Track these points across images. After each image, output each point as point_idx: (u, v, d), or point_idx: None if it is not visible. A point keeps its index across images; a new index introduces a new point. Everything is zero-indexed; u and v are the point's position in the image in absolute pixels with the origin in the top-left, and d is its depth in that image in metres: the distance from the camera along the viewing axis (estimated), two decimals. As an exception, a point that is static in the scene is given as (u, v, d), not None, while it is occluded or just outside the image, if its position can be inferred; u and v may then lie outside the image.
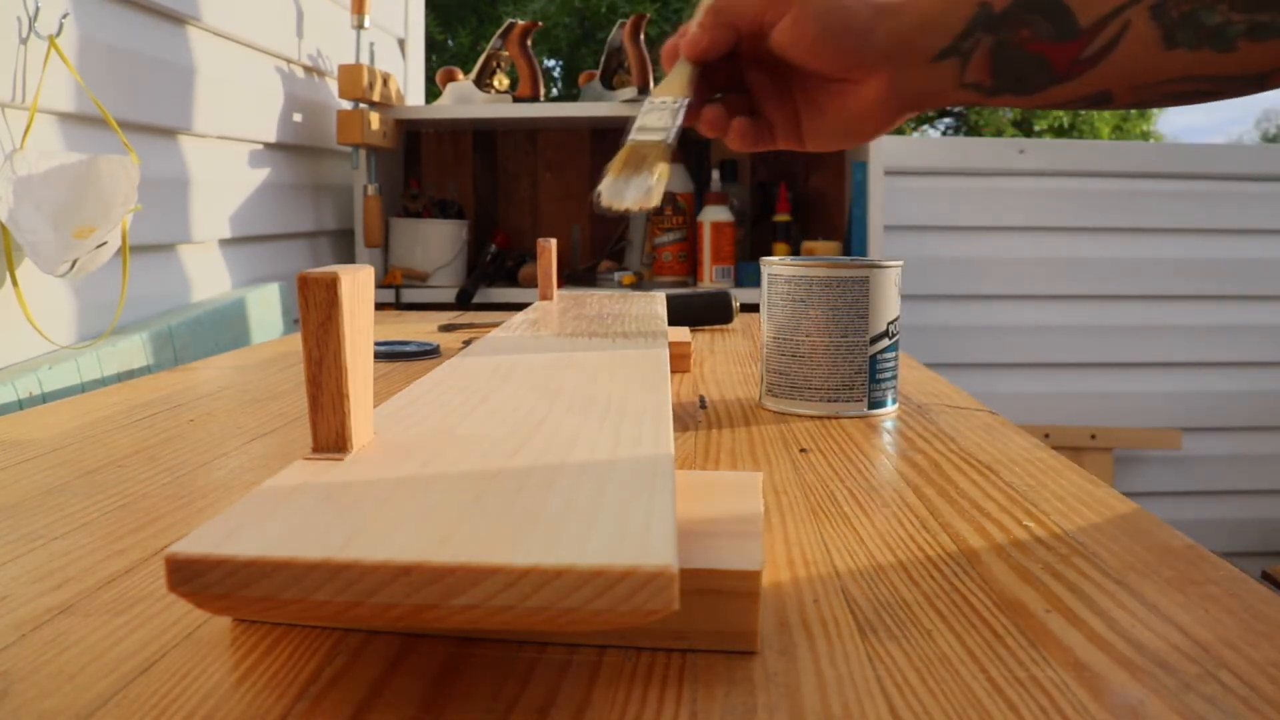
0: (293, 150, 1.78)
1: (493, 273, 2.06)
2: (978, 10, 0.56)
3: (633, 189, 0.56)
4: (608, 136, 2.24)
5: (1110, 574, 0.39)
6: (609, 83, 2.07)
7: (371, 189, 1.93)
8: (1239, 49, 0.52)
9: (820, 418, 0.69)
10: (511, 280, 2.08)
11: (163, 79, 1.32)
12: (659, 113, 0.59)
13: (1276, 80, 0.53)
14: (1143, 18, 0.53)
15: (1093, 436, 2.34)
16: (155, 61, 1.29)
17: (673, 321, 1.05)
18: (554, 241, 1.02)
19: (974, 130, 8.73)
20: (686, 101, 0.59)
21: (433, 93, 2.31)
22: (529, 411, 0.43)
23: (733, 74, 0.63)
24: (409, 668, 0.31)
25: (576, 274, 2.15)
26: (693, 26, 0.59)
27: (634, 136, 0.59)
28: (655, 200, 0.56)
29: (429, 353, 0.99)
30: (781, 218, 2.11)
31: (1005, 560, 0.41)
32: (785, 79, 0.62)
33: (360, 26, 1.89)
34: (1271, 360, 2.39)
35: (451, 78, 2.09)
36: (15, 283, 1.01)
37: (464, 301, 1.97)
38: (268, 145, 1.67)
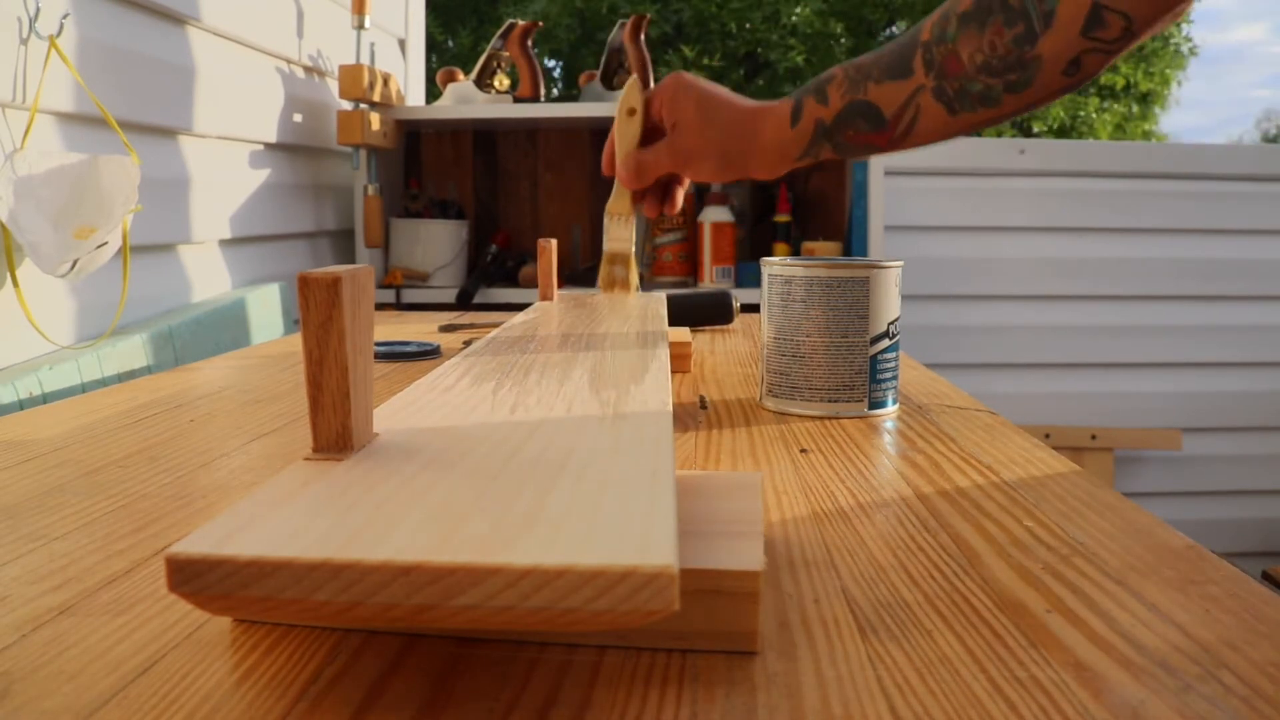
0: (293, 150, 1.78)
1: (493, 273, 2.06)
2: (815, 127, 0.80)
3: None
4: (608, 137, 2.24)
5: (1110, 574, 0.39)
6: (609, 83, 2.07)
7: (372, 189, 1.93)
8: (1004, 102, 0.72)
9: (820, 418, 0.69)
10: (511, 280, 2.08)
11: (163, 79, 1.32)
12: (621, 227, 0.94)
13: (1038, 108, 0.74)
14: (928, 99, 0.74)
15: (1093, 436, 2.34)
16: (155, 61, 1.29)
17: (673, 321, 1.05)
18: (554, 242, 1.02)
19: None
20: (634, 218, 0.95)
21: (433, 93, 2.31)
22: (529, 411, 0.43)
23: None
24: (409, 668, 0.31)
25: (576, 274, 2.15)
26: (628, 167, 0.90)
27: (609, 246, 0.95)
28: (635, 286, 0.95)
29: (429, 353, 0.99)
30: (781, 218, 2.11)
31: (1005, 560, 0.41)
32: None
33: (360, 27, 1.89)
34: (1271, 360, 2.39)
35: (452, 78, 2.09)
36: (15, 283, 1.01)
37: (464, 302, 1.97)
38: (268, 145, 1.67)
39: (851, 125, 0.78)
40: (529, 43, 2.02)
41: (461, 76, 2.09)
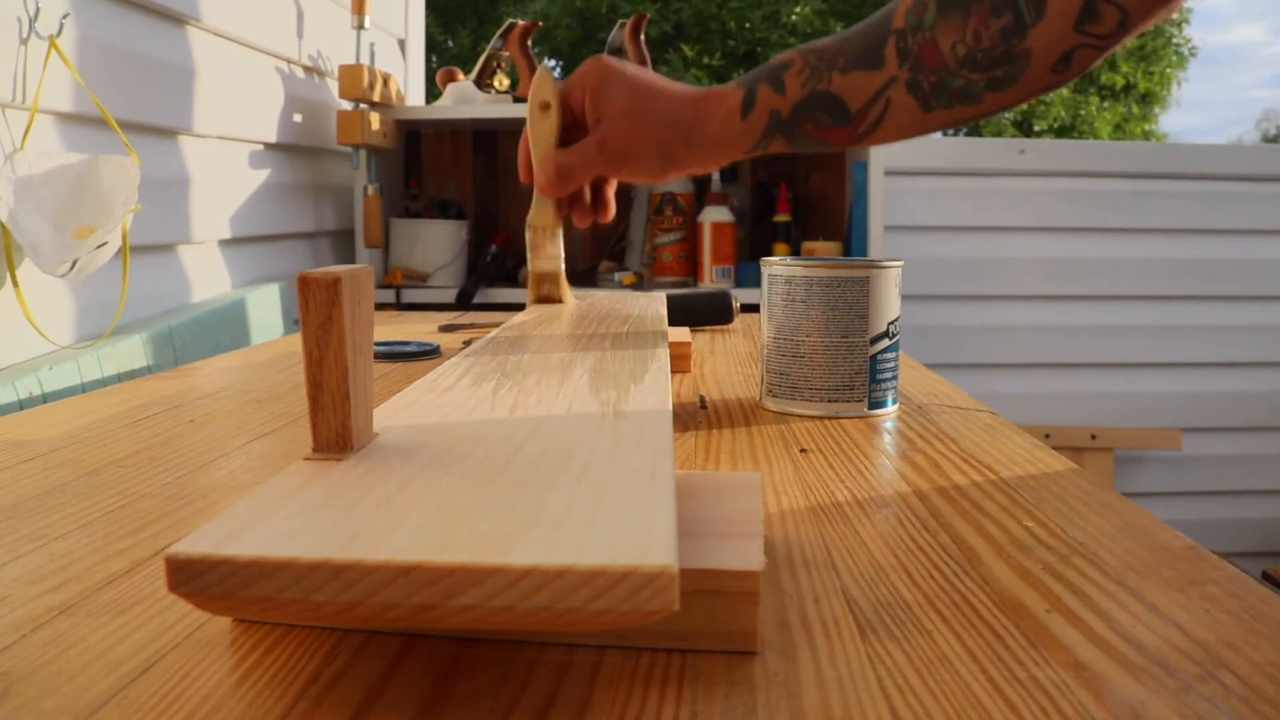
0: (293, 150, 1.78)
1: (493, 273, 2.06)
2: (770, 118, 0.71)
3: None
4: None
5: (1110, 574, 0.39)
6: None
7: (372, 189, 1.93)
8: (984, 100, 0.66)
9: (820, 418, 0.69)
10: (511, 280, 2.08)
11: (163, 79, 1.32)
12: (547, 242, 0.84)
13: (1017, 106, 0.68)
14: (901, 94, 0.67)
15: (1093, 436, 2.34)
16: (155, 61, 1.29)
17: (673, 321, 1.05)
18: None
19: (974, 131, 8.74)
20: (560, 229, 0.86)
21: (433, 93, 2.31)
22: (529, 411, 0.43)
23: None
24: (409, 668, 0.31)
25: (576, 274, 2.15)
26: (546, 173, 0.80)
27: (535, 265, 0.85)
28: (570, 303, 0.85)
29: (429, 353, 0.99)
30: (781, 218, 2.11)
31: (1005, 560, 0.41)
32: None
33: (360, 27, 1.89)
34: (1271, 360, 2.39)
35: (452, 78, 2.09)
36: (15, 283, 1.01)
37: (464, 302, 1.97)
38: (268, 145, 1.67)
39: (811, 118, 0.70)
40: (529, 43, 2.02)
41: (461, 76, 2.09)
